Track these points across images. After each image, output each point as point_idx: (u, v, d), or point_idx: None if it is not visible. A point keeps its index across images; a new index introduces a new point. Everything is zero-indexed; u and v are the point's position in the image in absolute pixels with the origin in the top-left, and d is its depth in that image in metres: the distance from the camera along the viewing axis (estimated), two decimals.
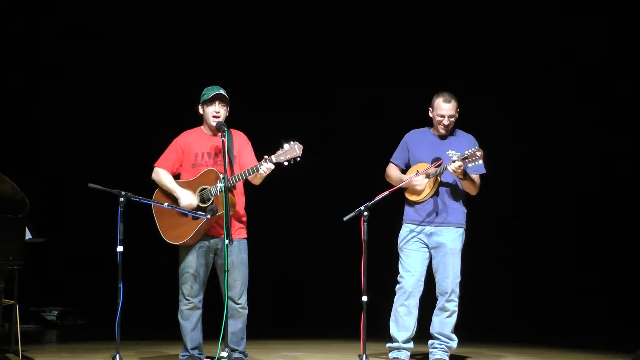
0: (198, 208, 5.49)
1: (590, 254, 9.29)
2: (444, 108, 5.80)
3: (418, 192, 5.82)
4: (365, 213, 5.27)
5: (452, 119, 5.83)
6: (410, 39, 9.34)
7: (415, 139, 5.96)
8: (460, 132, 5.96)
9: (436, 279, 5.85)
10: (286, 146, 5.34)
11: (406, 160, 5.95)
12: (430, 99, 5.90)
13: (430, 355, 5.90)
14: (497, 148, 6.75)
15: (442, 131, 5.86)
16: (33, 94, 9.44)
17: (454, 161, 5.56)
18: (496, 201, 8.44)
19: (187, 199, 5.50)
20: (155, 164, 5.71)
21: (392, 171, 5.99)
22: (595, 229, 9.28)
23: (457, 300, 5.83)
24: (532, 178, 9.40)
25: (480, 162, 5.57)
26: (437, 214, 5.82)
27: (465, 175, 5.66)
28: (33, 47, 9.34)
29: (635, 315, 8.62)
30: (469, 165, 5.60)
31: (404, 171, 5.97)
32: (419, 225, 5.85)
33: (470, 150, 5.57)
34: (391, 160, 6.03)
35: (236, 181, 5.45)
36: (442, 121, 5.81)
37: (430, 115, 5.90)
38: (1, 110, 9.13)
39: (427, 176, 5.75)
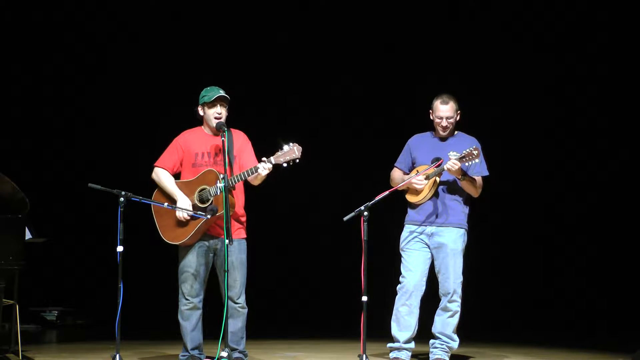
0: (197, 208, 5.49)
1: (590, 253, 9.29)
2: (442, 110, 5.84)
3: (417, 194, 5.83)
4: (365, 213, 5.27)
5: (451, 120, 5.86)
6: (408, 38, 9.35)
7: (417, 143, 6.01)
8: (461, 134, 5.98)
9: (438, 280, 5.87)
10: (285, 147, 5.33)
11: (410, 164, 5.99)
12: (430, 100, 5.94)
13: (430, 355, 5.90)
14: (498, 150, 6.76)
15: (442, 133, 5.89)
16: (33, 94, 9.44)
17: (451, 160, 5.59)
18: (497, 201, 8.44)
19: (185, 205, 5.49)
20: (155, 164, 5.71)
21: (396, 174, 6.02)
22: (594, 229, 9.28)
23: (459, 300, 5.84)
24: (530, 177, 9.41)
25: (477, 161, 5.59)
26: (437, 215, 5.83)
27: (463, 175, 5.67)
28: (34, 48, 9.35)
29: (635, 315, 8.62)
30: (467, 164, 5.62)
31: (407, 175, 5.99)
32: (420, 226, 5.86)
33: (467, 150, 5.59)
34: (395, 164, 6.08)
35: (235, 182, 5.45)
36: (440, 123, 5.86)
37: (431, 117, 5.94)
38: (1, 110, 9.14)
39: (427, 177, 5.76)
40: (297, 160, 5.31)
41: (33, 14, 9.23)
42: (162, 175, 5.65)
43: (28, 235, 6.28)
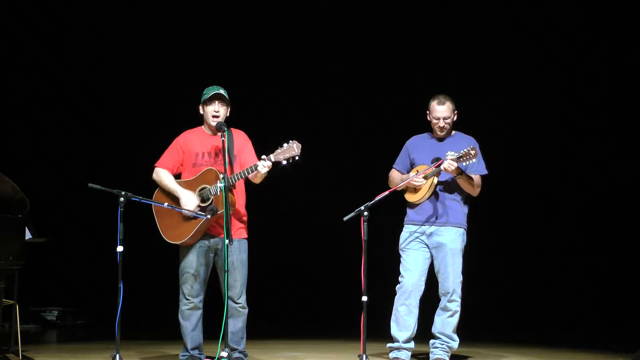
0: (198, 208, 5.49)
1: (590, 253, 9.29)
2: (438, 110, 5.85)
3: (416, 192, 5.83)
4: (365, 213, 5.28)
5: (448, 121, 5.86)
6: (407, 38, 9.35)
7: (415, 144, 6.03)
8: (459, 134, 5.99)
9: (438, 280, 5.88)
10: (285, 145, 5.33)
11: (408, 166, 6.00)
12: (428, 100, 5.94)
13: (430, 355, 5.91)
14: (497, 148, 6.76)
15: (439, 133, 5.90)
16: (32, 94, 9.44)
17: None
18: (497, 200, 8.44)
19: (189, 200, 5.50)
20: (155, 164, 5.71)
21: (394, 175, 6.03)
22: (594, 229, 9.28)
23: (459, 300, 5.84)
24: (531, 176, 9.41)
25: (474, 160, 5.60)
26: (437, 215, 5.83)
27: (459, 172, 5.67)
28: (35, 49, 9.35)
29: (635, 315, 8.62)
30: (464, 163, 5.63)
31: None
32: (420, 226, 5.86)
33: (464, 150, 5.59)
34: (393, 166, 6.09)
35: (235, 180, 5.45)
36: (437, 123, 5.87)
37: (428, 118, 5.94)
38: (1, 110, 9.15)
39: (425, 177, 5.76)
40: (297, 158, 5.30)
41: (33, 14, 9.24)
42: (162, 175, 5.65)
43: (28, 235, 6.28)
